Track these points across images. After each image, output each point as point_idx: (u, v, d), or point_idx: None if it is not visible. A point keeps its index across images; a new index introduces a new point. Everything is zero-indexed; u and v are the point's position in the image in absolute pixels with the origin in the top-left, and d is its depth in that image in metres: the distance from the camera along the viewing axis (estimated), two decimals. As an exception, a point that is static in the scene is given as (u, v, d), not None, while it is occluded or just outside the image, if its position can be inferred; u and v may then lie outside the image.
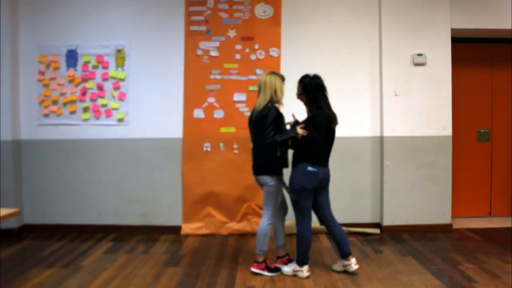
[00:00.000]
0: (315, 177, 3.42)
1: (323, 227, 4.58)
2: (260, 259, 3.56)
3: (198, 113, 4.80)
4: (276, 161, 3.48)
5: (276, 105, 3.55)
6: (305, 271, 3.51)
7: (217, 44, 4.80)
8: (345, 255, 3.55)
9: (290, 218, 4.80)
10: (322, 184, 3.52)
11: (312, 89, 3.48)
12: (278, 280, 3.45)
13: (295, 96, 3.63)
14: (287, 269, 3.59)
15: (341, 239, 3.55)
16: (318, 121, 3.42)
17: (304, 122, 3.51)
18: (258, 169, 3.55)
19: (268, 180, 3.50)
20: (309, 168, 3.41)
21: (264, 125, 3.39)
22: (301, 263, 3.52)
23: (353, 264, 3.53)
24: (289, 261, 3.71)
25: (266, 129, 3.38)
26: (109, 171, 4.84)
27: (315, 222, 4.62)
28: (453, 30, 4.80)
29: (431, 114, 4.78)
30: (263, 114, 3.42)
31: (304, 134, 3.37)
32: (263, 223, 3.57)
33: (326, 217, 3.61)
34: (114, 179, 4.84)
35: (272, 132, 3.37)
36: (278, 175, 3.52)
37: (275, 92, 3.51)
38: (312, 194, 3.50)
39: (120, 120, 4.84)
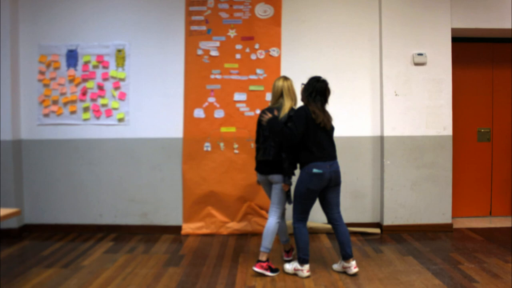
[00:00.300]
0: (321, 178, 3.43)
1: (323, 226, 4.61)
2: (264, 258, 3.55)
3: (199, 113, 4.80)
4: (288, 161, 3.52)
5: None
6: (305, 270, 3.52)
7: (218, 44, 4.80)
8: (346, 257, 3.56)
9: (290, 218, 4.82)
10: (331, 183, 3.52)
11: (309, 90, 3.56)
12: (279, 280, 3.45)
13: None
14: (289, 267, 3.60)
15: (345, 241, 3.56)
16: (296, 114, 3.46)
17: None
18: (273, 168, 3.60)
19: (282, 179, 3.58)
20: (315, 170, 3.41)
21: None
22: (301, 261, 3.53)
23: (352, 267, 3.54)
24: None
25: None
26: (110, 171, 4.84)
27: (315, 222, 4.66)
28: (453, 30, 4.81)
29: (432, 113, 4.78)
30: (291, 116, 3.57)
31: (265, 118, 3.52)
32: (272, 221, 3.61)
33: (333, 216, 3.62)
34: (115, 179, 4.85)
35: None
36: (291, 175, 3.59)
37: (295, 97, 3.71)
38: (317, 196, 3.53)
39: (121, 120, 4.84)
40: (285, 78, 3.71)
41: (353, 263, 3.55)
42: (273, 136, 3.57)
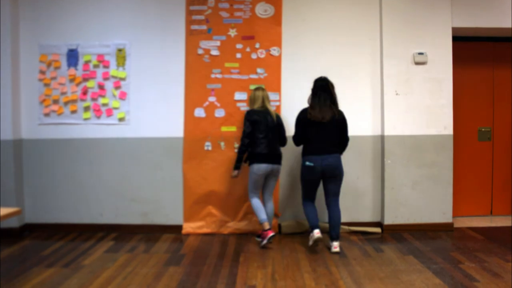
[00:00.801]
0: (313, 170, 4.01)
1: (324, 226, 4.61)
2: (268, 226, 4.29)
3: (199, 112, 4.80)
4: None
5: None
6: (315, 233, 4.00)
7: (218, 43, 4.80)
8: (330, 238, 4.10)
9: (289, 219, 4.82)
10: (326, 175, 4.03)
11: (313, 90, 4.15)
12: (279, 279, 3.45)
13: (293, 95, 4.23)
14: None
15: (332, 224, 4.10)
16: (296, 118, 4.20)
17: None
18: (280, 159, 4.37)
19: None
20: (306, 163, 4.04)
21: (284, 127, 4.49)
22: (310, 229, 4.11)
23: (332, 247, 4.04)
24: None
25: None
26: (110, 170, 4.85)
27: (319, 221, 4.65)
28: (454, 29, 4.80)
29: (432, 113, 4.77)
30: (280, 119, 4.47)
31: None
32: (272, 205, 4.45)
33: (328, 201, 4.17)
34: (115, 178, 4.85)
35: None
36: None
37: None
38: (315, 183, 4.11)
39: (121, 119, 4.84)
40: (262, 89, 4.42)
41: (335, 244, 4.04)
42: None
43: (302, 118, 4.11)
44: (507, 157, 5.37)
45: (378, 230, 4.78)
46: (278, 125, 4.39)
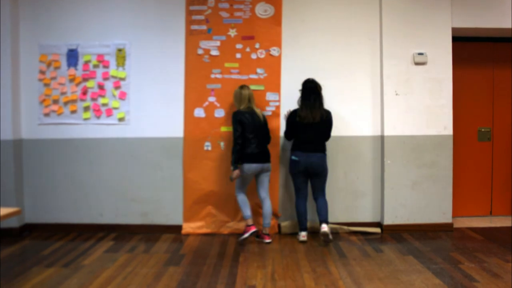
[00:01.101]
0: (298, 164, 4.34)
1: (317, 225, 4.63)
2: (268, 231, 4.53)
3: (199, 112, 4.80)
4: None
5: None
6: (301, 236, 4.40)
7: (218, 43, 4.80)
8: (319, 222, 4.34)
9: (289, 219, 4.82)
10: (310, 171, 4.34)
11: (302, 92, 4.41)
12: (279, 279, 3.45)
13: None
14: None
15: (320, 212, 4.37)
16: (287, 118, 4.52)
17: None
18: (269, 157, 4.48)
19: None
20: (292, 157, 4.40)
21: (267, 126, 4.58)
22: (298, 229, 4.48)
23: (321, 228, 4.25)
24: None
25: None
26: (110, 170, 4.85)
27: (315, 222, 4.66)
28: (454, 29, 4.80)
29: (432, 113, 4.77)
30: (265, 117, 4.57)
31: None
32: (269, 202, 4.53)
33: (314, 195, 4.48)
34: (115, 178, 4.85)
35: None
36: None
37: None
38: (301, 176, 4.40)
39: (121, 119, 4.84)
40: (248, 87, 4.47)
41: (323, 225, 4.25)
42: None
43: (293, 119, 4.39)
44: (507, 158, 5.37)
45: (377, 230, 4.78)
46: (265, 124, 4.50)
